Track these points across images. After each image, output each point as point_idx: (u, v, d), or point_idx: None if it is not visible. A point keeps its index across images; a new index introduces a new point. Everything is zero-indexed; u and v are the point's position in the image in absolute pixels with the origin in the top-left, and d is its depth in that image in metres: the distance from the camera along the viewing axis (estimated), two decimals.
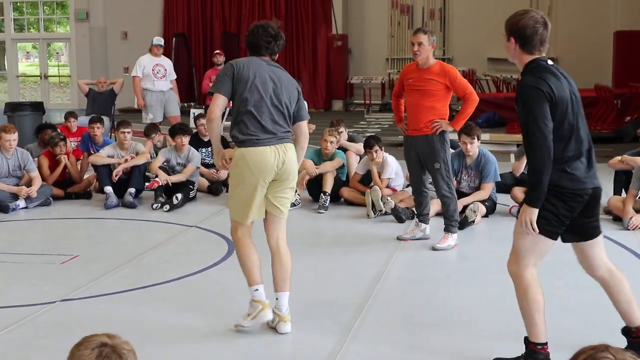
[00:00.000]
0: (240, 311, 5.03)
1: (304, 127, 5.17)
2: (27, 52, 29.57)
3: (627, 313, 4.30)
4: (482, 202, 8.18)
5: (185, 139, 9.55)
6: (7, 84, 27.48)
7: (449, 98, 7.01)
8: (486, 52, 22.91)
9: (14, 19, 27.44)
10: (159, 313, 5.35)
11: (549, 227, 4.07)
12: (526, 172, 9.15)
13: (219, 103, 4.89)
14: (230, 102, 5.04)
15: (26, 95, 28.08)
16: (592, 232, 4.24)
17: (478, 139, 8.24)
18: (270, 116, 4.89)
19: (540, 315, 4.13)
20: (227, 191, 9.64)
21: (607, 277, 4.28)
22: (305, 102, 5.30)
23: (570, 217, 4.10)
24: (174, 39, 21.88)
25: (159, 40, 12.80)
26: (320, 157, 9.24)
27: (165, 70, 12.54)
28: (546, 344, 4.17)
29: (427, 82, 6.97)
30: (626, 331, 4.34)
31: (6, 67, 27.73)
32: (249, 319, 4.92)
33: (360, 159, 9.38)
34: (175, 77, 12.84)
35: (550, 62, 4.17)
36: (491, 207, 8.34)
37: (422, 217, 7.37)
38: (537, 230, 4.01)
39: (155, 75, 12.37)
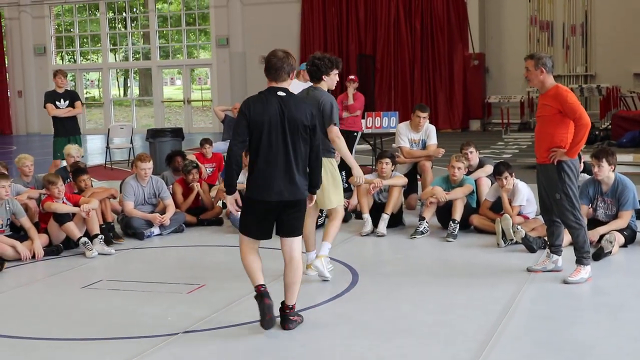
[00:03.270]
0: (362, 345, 5.06)
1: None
2: (172, 78, 30.75)
3: (286, 292, 5.66)
4: (620, 231, 7.75)
5: None
6: (153, 108, 28.61)
7: (568, 123, 6.61)
8: (632, 68, 22.03)
9: (159, 46, 28.58)
10: (279, 345, 5.34)
11: (249, 230, 5.64)
12: None
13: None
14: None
15: (171, 120, 29.19)
16: (287, 230, 5.64)
17: (609, 163, 7.79)
18: None
19: (251, 272, 5.66)
20: (356, 218, 9.68)
21: (287, 262, 5.67)
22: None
23: (260, 221, 5.59)
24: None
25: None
26: (448, 183, 9.04)
27: None
28: (260, 285, 5.59)
29: (543, 107, 6.74)
30: (282, 305, 5.66)
31: (152, 93, 28.91)
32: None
33: (492, 184, 9.12)
34: None
35: (281, 92, 5.49)
36: (630, 237, 7.90)
37: (554, 248, 7.04)
38: (239, 210, 5.67)
39: None
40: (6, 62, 28.92)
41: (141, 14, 28.70)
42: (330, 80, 7.08)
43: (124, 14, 29.11)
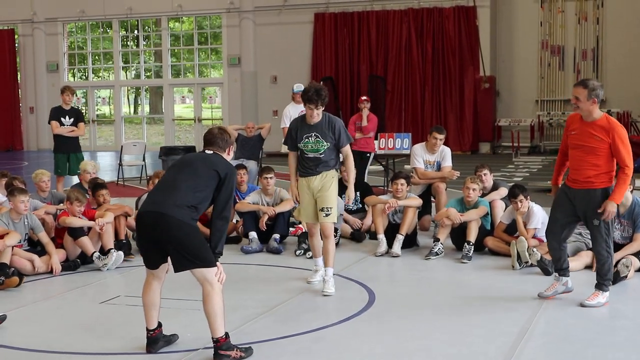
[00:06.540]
0: None
1: None
2: (183, 96, 30.89)
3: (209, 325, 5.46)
4: (636, 254, 7.77)
5: None
6: (163, 126, 28.74)
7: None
8: None
9: (171, 65, 28.75)
10: None
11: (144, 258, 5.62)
12: None
13: None
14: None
15: (181, 138, 29.27)
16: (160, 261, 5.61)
17: None
18: None
19: (146, 310, 5.70)
20: (370, 238, 9.71)
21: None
22: None
23: (143, 243, 5.61)
24: (321, 82, 22.23)
25: (299, 87, 12.82)
26: (463, 205, 9.07)
27: None
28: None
29: (589, 137, 6.49)
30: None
31: (163, 111, 29.05)
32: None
33: (506, 207, 9.15)
34: None
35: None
36: None
37: (562, 271, 7.03)
38: None
39: None
40: (19, 78, 29.10)
41: (153, 32, 28.85)
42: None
43: (136, 32, 29.28)
